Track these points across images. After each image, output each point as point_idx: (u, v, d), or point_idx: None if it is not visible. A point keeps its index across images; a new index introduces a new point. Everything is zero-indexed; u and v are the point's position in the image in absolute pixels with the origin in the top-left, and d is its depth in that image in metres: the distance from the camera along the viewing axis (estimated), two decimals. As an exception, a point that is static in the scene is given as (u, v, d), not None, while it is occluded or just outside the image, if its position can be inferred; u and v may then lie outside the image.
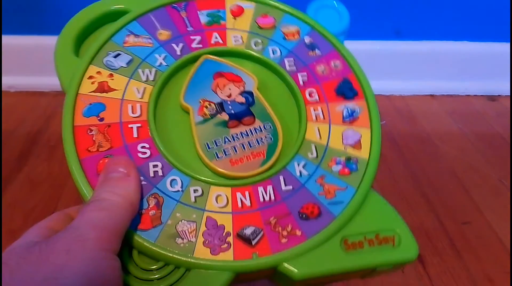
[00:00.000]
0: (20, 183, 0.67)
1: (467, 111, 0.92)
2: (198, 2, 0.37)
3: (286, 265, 0.28)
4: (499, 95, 0.98)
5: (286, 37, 0.36)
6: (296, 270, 0.28)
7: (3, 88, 0.90)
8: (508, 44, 0.93)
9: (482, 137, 0.84)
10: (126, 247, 0.28)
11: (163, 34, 0.35)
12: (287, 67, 0.35)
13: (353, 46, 0.37)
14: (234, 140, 0.32)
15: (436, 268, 0.55)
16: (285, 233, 0.29)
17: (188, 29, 0.36)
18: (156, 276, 0.27)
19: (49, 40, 0.34)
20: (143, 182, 0.30)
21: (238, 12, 0.37)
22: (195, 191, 0.30)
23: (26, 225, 0.59)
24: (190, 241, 0.28)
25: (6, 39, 0.87)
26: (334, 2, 0.39)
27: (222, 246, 0.29)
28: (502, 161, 0.78)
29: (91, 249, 0.23)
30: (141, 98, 0.32)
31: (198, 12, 0.37)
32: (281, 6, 0.38)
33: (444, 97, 0.96)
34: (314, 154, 0.32)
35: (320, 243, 0.29)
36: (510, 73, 0.93)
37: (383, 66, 0.90)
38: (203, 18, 0.36)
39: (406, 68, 0.94)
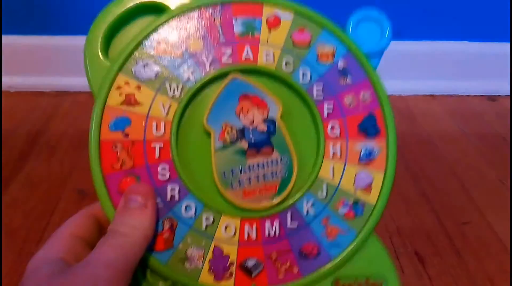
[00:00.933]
0: (20, 183, 0.68)
1: (467, 111, 0.90)
2: (234, 7, 0.35)
3: (278, 299, 0.32)
4: (499, 95, 0.96)
5: (320, 59, 0.35)
6: (286, 305, 0.32)
7: (3, 88, 0.89)
8: (508, 44, 0.90)
9: (482, 137, 0.83)
10: (140, 266, 0.31)
11: (195, 44, 0.34)
12: (315, 95, 0.35)
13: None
14: (250, 171, 0.33)
15: (436, 268, 0.57)
16: (283, 269, 0.32)
17: (220, 39, 0.34)
18: None
19: (49, 40, 0.34)
20: (159, 205, 0.32)
21: (274, 23, 0.35)
22: (206, 219, 0.32)
23: (25, 225, 0.60)
24: (197, 266, 0.32)
25: (6, 39, 0.86)
26: (380, 15, 0.37)
27: (225, 275, 0.32)
28: (502, 161, 0.77)
29: None
30: (166, 115, 0.33)
31: (233, 18, 0.35)
32: (320, 19, 0.36)
33: (444, 97, 0.95)
34: (324, 194, 0.33)
35: (313, 282, 0.32)
36: (510, 73, 0.91)
37: (383, 66, 0.87)
38: (237, 28, 0.35)
39: (406, 68, 0.92)
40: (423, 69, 0.94)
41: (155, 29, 0.34)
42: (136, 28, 0.35)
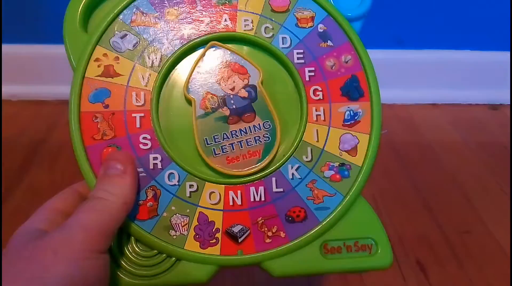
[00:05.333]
0: (22, 192, 0.68)
1: (469, 120, 0.90)
2: (210, -25, 0.35)
3: (267, 263, 0.31)
4: (500, 104, 0.96)
5: (299, 24, 0.35)
6: (275, 269, 0.31)
7: (5, 97, 0.90)
8: (509, 53, 0.91)
9: (484, 146, 0.83)
10: (125, 235, 0.31)
11: (171, 13, 0.34)
12: (295, 60, 0.34)
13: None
14: (232, 137, 0.33)
15: (438, 277, 0.56)
16: (270, 233, 0.32)
17: (197, 8, 0.34)
18: (152, 262, 0.31)
19: (51, 49, 0.35)
20: (142, 174, 0.32)
21: (251, -10, 0.35)
22: (190, 186, 0.32)
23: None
24: (182, 234, 0.31)
25: (8, 48, 0.87)
26: (358, -22, 0.36)
27: (210, 241, 0.31)
28: (504, 170, 0.77)
29: (77, 251, 0.26)
30: (146, 85, 0.33)
31: (210, -13, 0.35)
32: (299, -15, 0.35)
33: (446, 105, 0.95)
34: (309, 158, 0.33)
35: (301, 246, 0.32)
36: (511, 82, 0.91)
37: (385, 75, 0.90)
38: (215, -4, 0.35)
39: (408, 77, 0.93)
40: (425, 78, 0.94)
41: (131, 2, 0.34)
42: (114, 3, 0.35)
